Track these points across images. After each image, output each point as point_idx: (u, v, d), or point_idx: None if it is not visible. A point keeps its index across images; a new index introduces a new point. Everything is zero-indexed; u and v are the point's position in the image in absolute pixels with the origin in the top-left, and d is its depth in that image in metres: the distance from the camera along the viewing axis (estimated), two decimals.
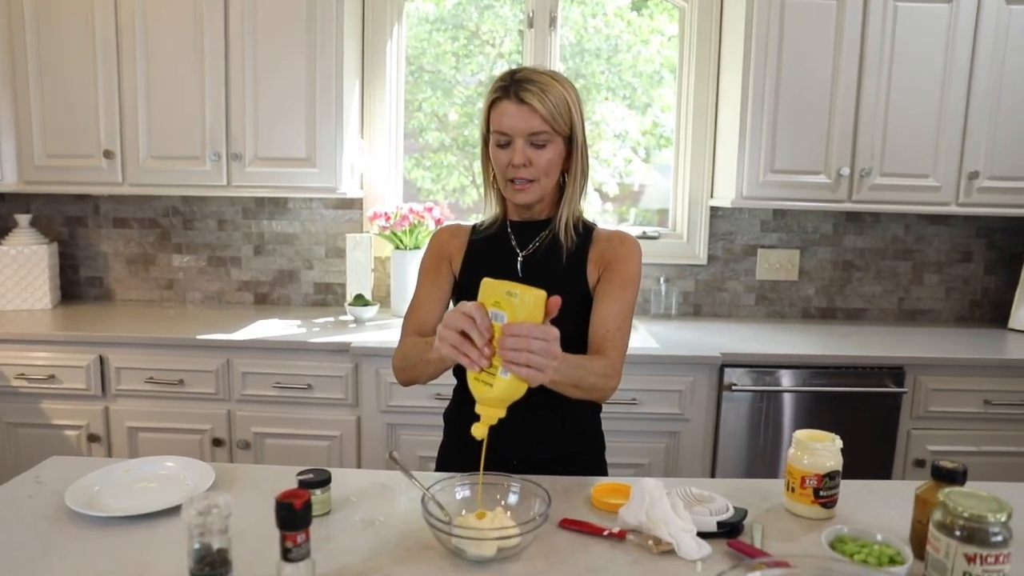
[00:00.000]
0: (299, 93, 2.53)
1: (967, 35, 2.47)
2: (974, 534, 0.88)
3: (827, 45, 2.48)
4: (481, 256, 1.41)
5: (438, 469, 1.47)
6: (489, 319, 1.00)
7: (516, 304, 0.99)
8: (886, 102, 2.50)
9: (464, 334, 1.00)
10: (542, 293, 0.99)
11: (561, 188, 1.38)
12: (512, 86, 1.28)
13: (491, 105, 1.31)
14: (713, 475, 2.38)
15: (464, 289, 1.41)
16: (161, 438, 2.39)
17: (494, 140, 1.31)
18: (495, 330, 1.00)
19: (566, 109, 1.30)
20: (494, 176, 1.38)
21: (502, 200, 1.42)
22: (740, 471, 2.38)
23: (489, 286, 1.03)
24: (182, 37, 2.51)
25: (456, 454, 1.42)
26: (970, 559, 0.88)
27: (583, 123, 1.34)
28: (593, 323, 1.32)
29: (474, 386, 1.04)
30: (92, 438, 2.40)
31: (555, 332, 0.99)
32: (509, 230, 1.41)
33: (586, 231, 1.40)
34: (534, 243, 1.39)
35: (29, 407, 2.40)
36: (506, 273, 1.36)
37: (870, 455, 2.37)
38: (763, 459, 2.38)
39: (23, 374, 2.38)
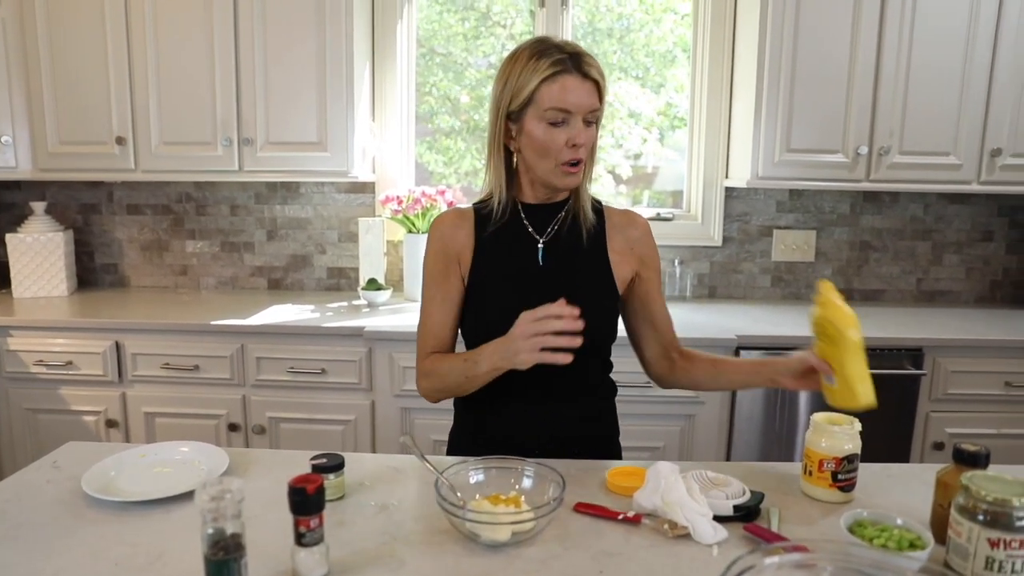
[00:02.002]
0: (309, 77, 2.51)
1: (992, 7, 2.41)
2: (997, 518, 0.86)
3: (845, 20, 2.42)
4: (495, 249, 1.32)
5: (449, 453, 1.46)
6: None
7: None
8: (906, 78, 2.45)
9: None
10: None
11: None
12: (570, 59, 1.19)
13: (545, 79, 1.19)
14: (728, 458, 2.37)
15: (478, 289, 1.31)
16: (178, 423, 2.41)
17: (549, 117, 1.19)
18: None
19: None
20: (507, 157, 1.30)
21: (511, 183, 1.32)
22: (756, 455, 2.36)
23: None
24: (192, 22, 2.50)
25: (468, 441, 1.41)
26: (993, 544, 0.86)
27: None
28: (660, 325, 1.40)
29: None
30: (110, 423, 2.42)
31: None
32: (523, 215, 1.33)
33: (597, 206, 1.38)
34: (552, 227, 1.33)
35: (48, 393, 2.43)
36: (527, 263, 1.32)
37: (888, 438, 2.34)
38: (779, 442, 2.36)
39: (41, 360, 2.40)
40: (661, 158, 3.02)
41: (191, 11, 2.49)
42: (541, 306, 1.11)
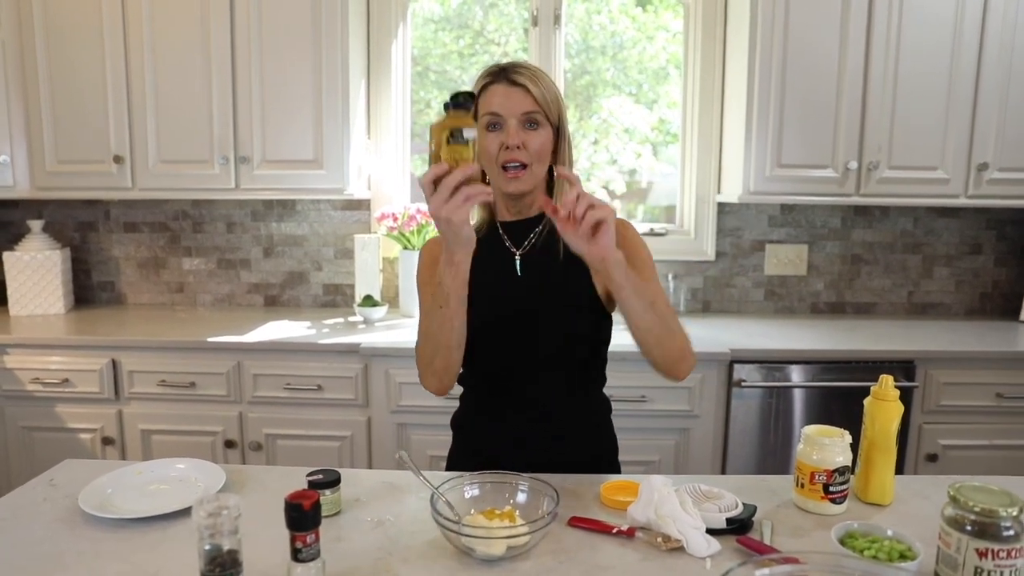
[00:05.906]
0: (305, 95, 2.54)
1: (975, 25, 2.45)
2: (985, 529, 0.87)
3: (832, 38, 2.46)
4: (475, 263, 1.31)
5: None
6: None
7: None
8: (893, 95, 2.48)
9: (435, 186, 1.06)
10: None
11: (550, 185, 1.37)
12: (502, 71, 1.28)
13: (481, 91, 1.29)
14: (724, 472, 2.38)
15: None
16: (174, 440, 2.41)
17: (484, 123, 1.27)
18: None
19: (555, 98, 1.30)
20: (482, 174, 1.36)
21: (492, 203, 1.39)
22: (751, 467, 2.37)
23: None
24: (189, 42, 2.53)
25: (467, 460, 1.42)
26: (982, 554, 0.87)
27: (567, 119, 1.35)
28: None
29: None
30: (106, 441, 2.42)
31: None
32: (501, 231, 1.39)
33: None
34: (529, 240, 1.37)
35: (44, 411, 2.43)
36: (506, 274, 1.36)
37: None
38: (774, 455, 2.37)
39: (38, 378, 2.41)
40: (656, 172, 3.05)
41: (188, 31, 2.52)
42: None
